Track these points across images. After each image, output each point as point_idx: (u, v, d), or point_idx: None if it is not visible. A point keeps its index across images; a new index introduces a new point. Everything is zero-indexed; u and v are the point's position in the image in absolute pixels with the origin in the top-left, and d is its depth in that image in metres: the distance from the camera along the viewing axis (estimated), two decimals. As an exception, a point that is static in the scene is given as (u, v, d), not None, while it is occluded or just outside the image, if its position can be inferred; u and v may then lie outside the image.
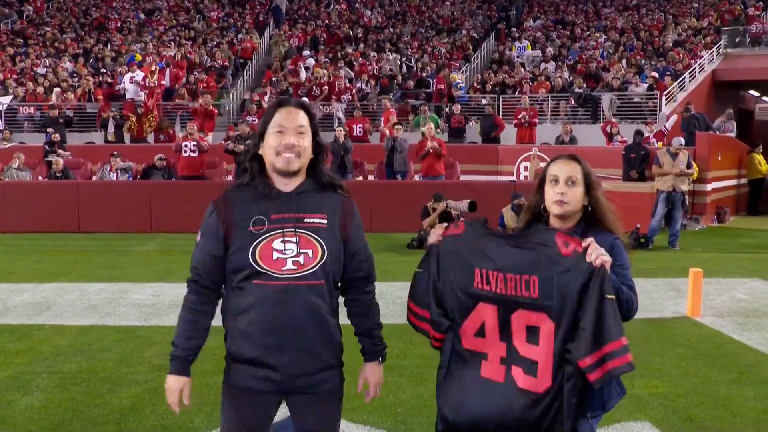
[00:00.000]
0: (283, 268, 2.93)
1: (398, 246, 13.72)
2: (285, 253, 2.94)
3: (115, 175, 17.55)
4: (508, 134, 22.69)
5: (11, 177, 17.43)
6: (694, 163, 15.47)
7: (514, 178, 19.40)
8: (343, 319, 3.19)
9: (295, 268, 2.95)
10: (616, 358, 2.72)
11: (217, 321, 3.13)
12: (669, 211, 14.36)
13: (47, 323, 8.24)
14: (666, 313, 8.84)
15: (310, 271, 2.97)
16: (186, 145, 17.24)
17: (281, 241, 2.95)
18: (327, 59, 28.44)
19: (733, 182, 20.46)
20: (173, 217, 15.39)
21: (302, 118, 3.05)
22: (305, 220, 3.00)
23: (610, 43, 29.81)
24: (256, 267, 2.93)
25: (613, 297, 2.74)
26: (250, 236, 2.95)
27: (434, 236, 3.17)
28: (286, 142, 3.00)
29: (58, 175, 17.18)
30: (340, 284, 3.17)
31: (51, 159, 17.86)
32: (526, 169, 19.90)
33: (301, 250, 2.96)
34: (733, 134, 21.43)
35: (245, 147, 16.87)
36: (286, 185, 3.04)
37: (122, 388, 6.08)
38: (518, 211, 13.59)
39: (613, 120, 21.44)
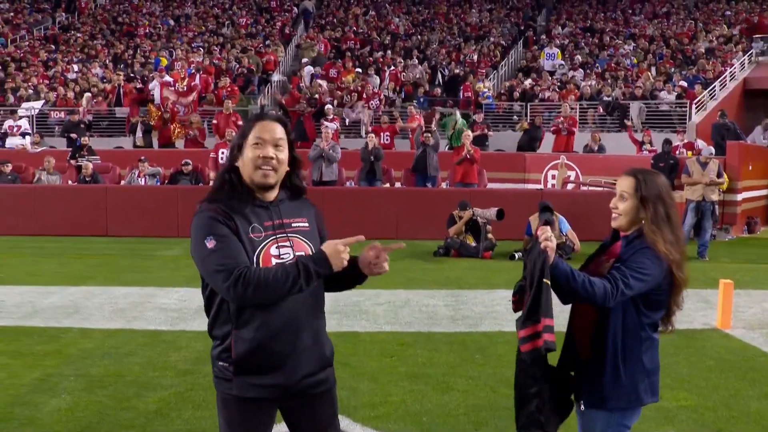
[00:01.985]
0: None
1: (424, 253, 13.69)
2: (282, 258, 2.99)
3: (143, 179, 17.70)
4: (545, 142, 22.59)
5: (42, 181, 17.64)
6: (724, 172, 15.29)
7: (541, 186, 19.29)
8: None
9: None
10: (547, 333, 3.08)
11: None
12: (698, 221, 14.21)
13: (75, 326, 8.31)
14: (695, 324, 8.72)
15: None
16: (223, 151, 17.32)
17: (276, 247, 3.00)
18: (354, 66, 28.47)
19: (764, 192, 20.21)
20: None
21: (280, 131, 3.08)
22: (293, 225, 3.08)
23: (639, 50, 29.61)
24: None
25: (549, 281, 3.08)
26: (251, 243, 2.97)
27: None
28: (265, 154, 3.02)
29: (87, 179, 17.34)
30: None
31: (80, 163, 18.01)
32: (553, 177, 19.79)
33: (297, 253, 3.01)
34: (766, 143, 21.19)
35: None
36: (265, 197, 3.09)
37: (148, 392, 6.11)
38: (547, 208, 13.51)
39: (629, 124, 21.24)
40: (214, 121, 21.67)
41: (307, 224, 3.13)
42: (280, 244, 3.01)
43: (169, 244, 14.76)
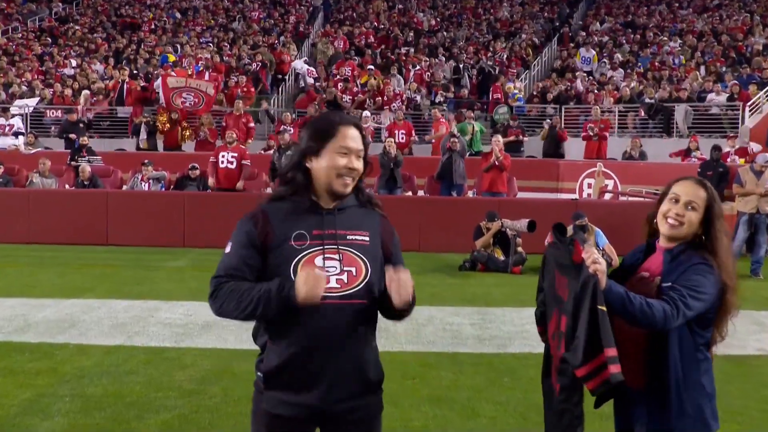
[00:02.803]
0: (325, 286, 2.96)
1: (449, 267, 13.67)
2: (327, 271, 3.00)
3: (146, 184, 17.76)
4: (572, 148, 22.52)
5: (36, 185, 17.68)
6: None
7: (576, 196, 19.24)
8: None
9: (339, 286, 3.01)
10: (612, 364, 3.00)
11: (248, 344, 3.13)
12: (751, 235, 14.06)
13: (71, 342, 8.35)
14: (748, 349, 8.63)
15: (354, 290, 3.03)
16: (224, 156, 17.35)
17: (322, 258, 3.02)
18: (373, 66, 28.50)
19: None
20: (207, 232, 15.51)
21: (360, 140, 3.16)
22: (347, 237, 3.08)
23: (686, 48, 29.43)
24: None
25: (605, 308, 3.00)
26: (291, 251, 3.01)
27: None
28: (351, 165, 3.09)
29: (85, 183, 17.39)
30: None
31: (78, 164, 18.08)
32: (589, 186, 19.72)
33: (345, 268, 3.03)
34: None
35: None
36: (329, 203, 3.13)
37: (150, 414, 6.14)
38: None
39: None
40: (223, 123, 21.74)
41: (366, 238, 3.14)
42: (327, 255, 3.04)
43: (175, 255, 14.83)
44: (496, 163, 16.91)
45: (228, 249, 3.09)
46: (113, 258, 14.45)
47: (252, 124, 22.23)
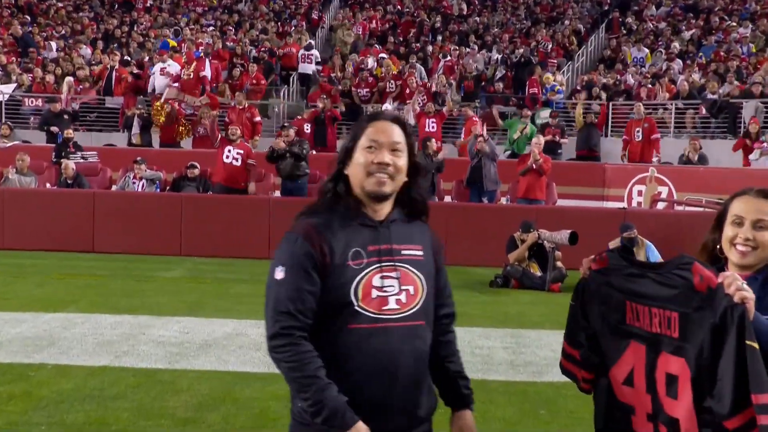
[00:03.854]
0: (384, 308, 3.01)
1: (479, 284, 13.65)
2: (386, 291, 3.03)
3: (139, 185, 17.76)
4: (616, 150, 22.41)
5: (13, 183, 17.57)
6: None
7: (624, 204, 19.16)
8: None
9: (398, 307, 3.05)
10: (763, 414, 2.65)
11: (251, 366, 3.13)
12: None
13: (49, 362, 8.35)
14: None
15: (413, 310, 3.08)
16: (229, 150, 17.39)
17: (380, 277, 3.04)
18: (396, 55, 28.42)
19: None
20: (207, 238, 15.58)
21: (398, 133, 3.16)
22: (402, 252, 3.12)
23: (758, 34, 28.98)
24: (357, 308, 3.00)
25: (755, 344, 2.70)
26: (350, 271, 3.02)
27: (583, 269, 3.29)
28: (381, 160, 3.09)
29: (69, 182, 17.40)
30: None
31: (71, 161, 17.97)
32: (640, 194, 19.63)
33: (403, 287, 3.06)
34: None
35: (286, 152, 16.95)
36: (377, 212, 3.14)
37: (138, 444, 6.15)
38: (629, 247, 13.38)
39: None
40: (226, 119, 21.79)
41: (421, 253, 3.18)
42: (384, 273, 3.06)
43: (170, 264, 14.89)
44: (534, 166, 16.82)
45: (281, 274, 3.01)
46: (100, 267, 14.49)
47: (258, 119, 22.16)
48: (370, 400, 3.00)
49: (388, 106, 23.61)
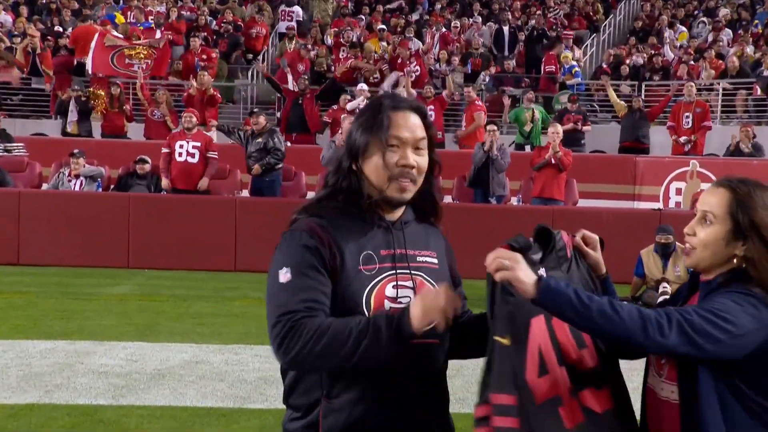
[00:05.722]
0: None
1: (483, 299, 13.59)
2: (400, 302, 3.06)
3: (76, 183, 17.67)
4: (657, 140, 22.41)
5: None
6: None
7: (660, 204, 19.17)
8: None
9: None
10: (498, 416, 2.92)
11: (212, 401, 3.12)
12: None
13: (-36, 398, 8.31)
14: None
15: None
16: (182, 146, 17.23)
17: (393, 286, 3.08)
18: (385, 27, 28.46)
19: None
20: (161, 247, 15.55)
21: (420, 128, 3.16)
22: (418, 259, 3.17)
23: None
24: None
25: (503, 340, 2.95)
26: (362, 278, 3.04)
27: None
28: (406, 162, 3.09)
29: (-14, 179, 17.36)
30: None
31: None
32: (678, 192, 19.61)
33: None
34: None
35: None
36: (390, 212, 3.18)
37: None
38: (664, 254, 13.38)
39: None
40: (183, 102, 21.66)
41: (435, 260, 3.25)
42: (399, 282, 3.09)
43: (116, 278, 14.87)
44: (553, 160, 16.76)
45: (286, 276, 2.99)
46: (27, 282, 14.45)
47: (213, 92, 21.83)
48: (378, 428, 3.03)
49: (363, 85, 23.23)
